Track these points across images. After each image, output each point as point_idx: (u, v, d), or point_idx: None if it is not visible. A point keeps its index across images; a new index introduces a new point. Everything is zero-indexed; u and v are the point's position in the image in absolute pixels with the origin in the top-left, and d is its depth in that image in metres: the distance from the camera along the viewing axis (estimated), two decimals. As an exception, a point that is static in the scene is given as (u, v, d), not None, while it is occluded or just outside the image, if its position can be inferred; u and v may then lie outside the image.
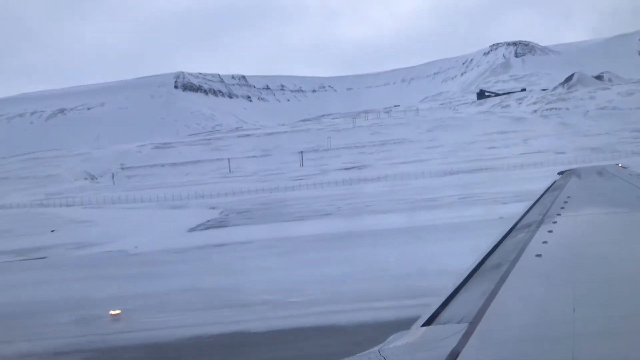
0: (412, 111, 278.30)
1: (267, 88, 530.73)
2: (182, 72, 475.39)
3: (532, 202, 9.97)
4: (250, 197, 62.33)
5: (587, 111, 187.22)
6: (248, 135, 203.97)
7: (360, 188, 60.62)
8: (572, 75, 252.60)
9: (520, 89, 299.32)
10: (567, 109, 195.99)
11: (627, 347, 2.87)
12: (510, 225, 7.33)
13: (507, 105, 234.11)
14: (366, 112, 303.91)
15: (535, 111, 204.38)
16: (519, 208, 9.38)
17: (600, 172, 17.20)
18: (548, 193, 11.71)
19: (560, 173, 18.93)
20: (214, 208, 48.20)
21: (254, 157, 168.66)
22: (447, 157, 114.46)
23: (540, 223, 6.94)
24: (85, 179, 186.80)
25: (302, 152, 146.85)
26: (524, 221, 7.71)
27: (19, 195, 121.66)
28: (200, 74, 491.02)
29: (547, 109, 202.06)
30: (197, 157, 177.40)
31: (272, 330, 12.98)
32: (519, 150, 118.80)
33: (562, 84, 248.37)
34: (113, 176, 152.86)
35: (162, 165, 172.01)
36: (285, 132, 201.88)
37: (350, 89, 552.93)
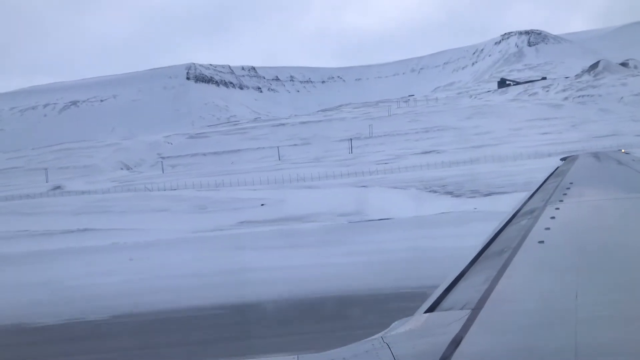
0: (431, 100, 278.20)
1: (277, 79, 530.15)
2: (194, 64, 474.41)
3: (535, 189, 9.88)
4: (381, 178, 62.30)
5: (622, 98, 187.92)
6: (282, 124, 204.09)
7: (500, 168, 60.49)
8: (598, 62, 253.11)
9: (540, 78, 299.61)
10: (600, 95, 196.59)
11: (630, 333, 2.84)
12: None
13: (535, 93, 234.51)
14: (382, 101, 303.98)
15: (566, 98, 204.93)
16: None
17: (604, 158, 16.95)
18: (551, 179, 11.62)
19: (563, 159, 18.78)
20: (365, 186, 48.22)
21: (294, 145, 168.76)
22: (512, 142, 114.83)
23: (543, 209, 6.91)
24: (121, 168, 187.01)
25: (350, 139, 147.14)
26: (526, 207, 7.67)
27: (79, 183, 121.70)
28: (211, 65, 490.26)
29: (578, 96, 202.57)
30: (235, 146, 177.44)
31: None
32: (578, 136, 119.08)
33: (588, 71, 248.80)
34: (162, 165, 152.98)
35: (204, 155, 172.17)
36: (319, 121, 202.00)
37: (359, 79, 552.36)
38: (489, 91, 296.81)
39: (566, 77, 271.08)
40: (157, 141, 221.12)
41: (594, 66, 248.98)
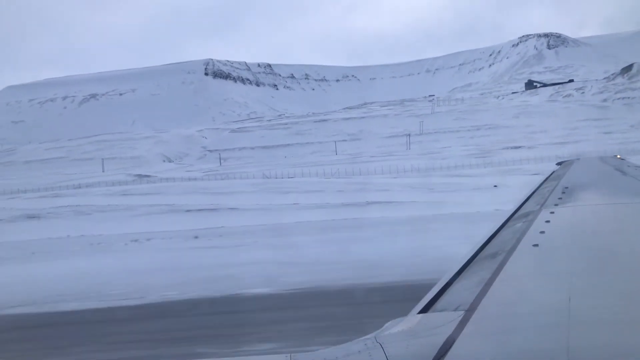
0: (458, 100, 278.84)
1: (292, 77, 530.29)
2: (212, 59, 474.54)
3: (530, 192, 10.01)
4: (517, 168, 63.10)
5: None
6: (324, 120, 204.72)
7: None
8: (631, 65, 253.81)
9: (567, 80, 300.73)
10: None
11: (622, 336, 2.88)
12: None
13: (569, 95, 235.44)
14: (407, 100, 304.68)
15: (605, 100, 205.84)
16: None
17: (599, 163, 16.95)
18: (546, 183, 11.72)
19: (559, 164, 18.84)
20: (536, 174, 48.77)
21: (343, 140, 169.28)
22: (583, 141, 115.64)
23: (538, 213, 6.88)
24: (164, 161, 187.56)
25: (409, 135, 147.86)
26: (521, 211, 7.72)
27: (150, 172, 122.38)
28: (228, 61, 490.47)
29: (619, 98, 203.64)
30: (281, 141, 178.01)
31: None
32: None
33: (621, 74, 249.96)
34: (220, 157, 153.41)
35: (252, 148, 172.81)
36: (361, 117, 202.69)
37: (373, 78, 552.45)
38: (515, 92, 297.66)
39: (596, 80, 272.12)
40: (192, 135, 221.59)
41: (627, 69, 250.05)
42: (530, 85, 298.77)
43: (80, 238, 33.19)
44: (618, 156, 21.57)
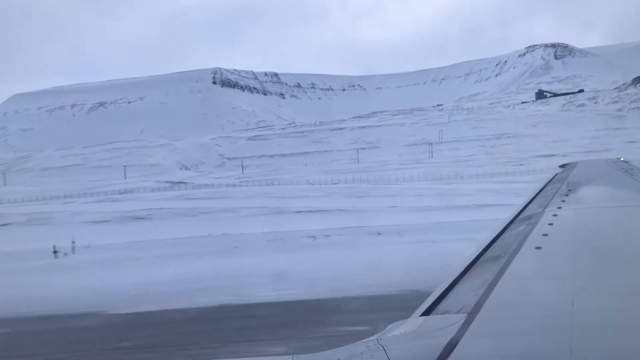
0: (466, 109, 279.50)
1: (299, 86, 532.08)
2: (219, 68, 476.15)
3: (534, 194, 10.10)
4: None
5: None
6: (340, 128, 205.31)
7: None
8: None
9: (577, 90, 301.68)
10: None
11: (625, 339, 2.90)
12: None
13: (582, 104, 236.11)
14: (416, 109, 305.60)
15: (620, 110, 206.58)
16: None
17: (602, 166, 16.99)
18: (549, 185, 11.78)
19: (562, 166, 18.70)
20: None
21: (362, 149, 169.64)
22: (614, 150, 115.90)
23: (541, 215, 6.91)
24: (180, 168, 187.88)
25: (431, 143, 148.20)
26: (524, 213, 7.71)
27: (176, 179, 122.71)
28: (235, 70, 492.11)
29: (633, 108, 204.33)
30: (299, 149, 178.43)
31: None
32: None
33: (633, 84, 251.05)
34: (242, 165, 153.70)
35: (271, 156, 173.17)
36: (377, 125, 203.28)
37: (379, 87, 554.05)
38: (525, 102, 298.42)
39: (608, 90, 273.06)
40: (206, 143, 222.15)
41: (638, 79, 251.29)
42: (540, 95, 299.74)
43: (225, 237, 32.85)
44: (622, 159, 21.83)
